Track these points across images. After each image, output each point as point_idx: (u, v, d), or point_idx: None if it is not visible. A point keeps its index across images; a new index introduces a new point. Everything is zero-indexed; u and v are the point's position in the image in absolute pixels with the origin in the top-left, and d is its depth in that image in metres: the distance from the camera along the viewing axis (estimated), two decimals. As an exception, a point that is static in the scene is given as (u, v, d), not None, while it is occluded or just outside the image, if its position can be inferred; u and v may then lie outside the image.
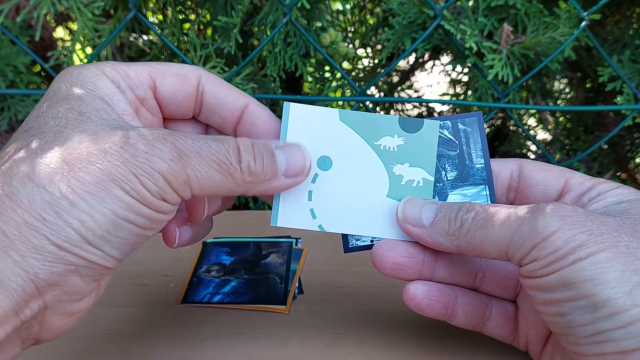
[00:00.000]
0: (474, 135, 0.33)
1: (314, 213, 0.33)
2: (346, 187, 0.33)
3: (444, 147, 0.33)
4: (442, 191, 0.33)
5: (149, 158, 0.25)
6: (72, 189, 0.24)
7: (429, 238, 0.31)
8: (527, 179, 0.33)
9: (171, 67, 0.32)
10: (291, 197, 0.33)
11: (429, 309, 0.32)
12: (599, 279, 0.25)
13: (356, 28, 0.79)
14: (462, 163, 0.33)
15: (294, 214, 0.33)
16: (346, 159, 0.33)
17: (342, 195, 0.33)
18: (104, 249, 0.25)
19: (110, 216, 0.25)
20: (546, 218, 0.27)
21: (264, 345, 0.36)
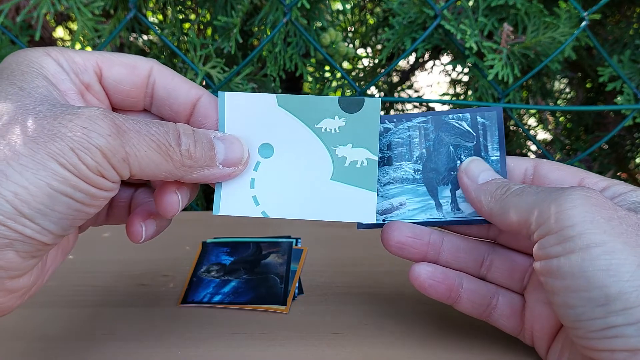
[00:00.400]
0: (491, 129, 0.34)
1: (256, 200, 0.33)
2: (289, 172, 0.33)
3: (461, 138, 0.34)
4: (456, 179, 0.34)
5: (87, 133, 0.25)
6: (7, 162, 0.24)
7: (473, 193, 0.32)
8: (541, 177, 0.33)
9: (122, 57, 0.32)
10: (233, 185, 0.33)
11: (432, 290, 0.34)
12: (614, 271, 0.25)
13: (356, 28, 0.79)
14: (478, 154, 0.34)
15: (236, 202, 0.33)
16: (287, 145, 0.33)
17: (286, 181, 0.33)
18: (40, 223, 0.25)
19: (46, 189, 0.24)
20: (571, 193, 0.27)
21: (264, 345, 0.36)
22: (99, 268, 0.45)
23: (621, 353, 0.25)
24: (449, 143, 0.34)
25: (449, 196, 0.34)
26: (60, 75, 0.29)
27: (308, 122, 0.33)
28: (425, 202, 0.34)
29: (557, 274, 0.27)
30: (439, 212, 0.34)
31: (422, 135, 0.34)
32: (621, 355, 0.25)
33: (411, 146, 0.34)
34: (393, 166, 0.35)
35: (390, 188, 0.35)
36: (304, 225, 0.53)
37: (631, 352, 0.25)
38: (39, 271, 0.28)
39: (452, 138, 0.34)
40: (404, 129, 0.35)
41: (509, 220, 0.30)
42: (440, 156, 0.34)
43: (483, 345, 0.36)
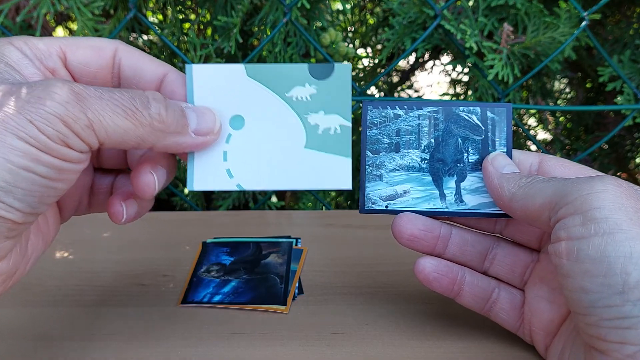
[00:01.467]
0: (500, 125, 0.35)
1: (230, 173, 0.32)
2: (262, 143, 0.33)
3: (470, 131, 0.35)
4: (461, 171, 0.35)
5: (44, 102, 0.25)
6: None
7: (496, 179, 0.32)
8: (545, 173, 0.33)
9: (87, 40, 0.32)
10: (205, 159, 0.32)
11: (436, 283, 0.34)
12: (636, 258, 0.24)
13: (356, 28, 0.79)
14: (485, 149, 0.35)
15: (210, 176, 0.32)
16: (259, 116, 0.33)
17: (259, 152, 0.33)
18: (4, 200, 0.24)
19: (6, 164, 0.24)
20: (604, 178, 0.27)
21: (264, 345, 0.36)
22: (99, 268, 0.45)
23: (631, 347, 0.24)
24: (458, 135, 0.35)
25: (453, 187, 0.35)
26: (22, 61, 0.29)
27: (278, 91, 0.32)
28: (429, 192, 0.35)
29: (576, 257, 0.26)
30: (443, 202, 0.35)
31: (431, 124, 0.35)
32: (630, 349, 0.24)
33: (420, 135, 0.35)
34: (400, 153, 0.35)
35: (395, 175, 0.35)
36: (304, 225, 0.53)
37: None
38: (18, 256, 0.28)
39: (461, 130, 0.35)
40: (414, 117, 0.35)
41: (532, 204, 0.30)
42: (448, 147, 0.35)
43: (482, 344, 0.36)
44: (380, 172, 0.35)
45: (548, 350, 0.33)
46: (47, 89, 0.25)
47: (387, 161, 0.35)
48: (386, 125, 0.35)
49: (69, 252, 0.48)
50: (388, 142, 0.35)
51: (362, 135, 0.35)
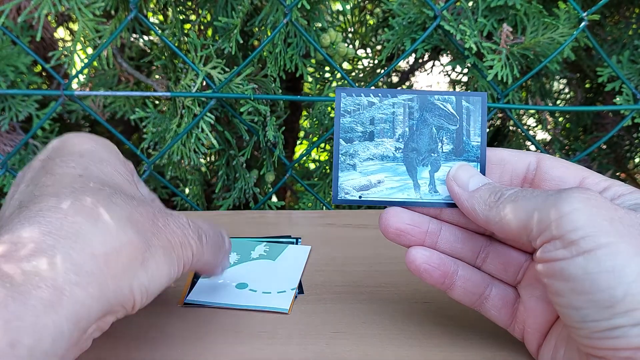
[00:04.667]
0: (475, 114, 0.34)
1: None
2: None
3: (444, 120, 0.34)
4: (435, 161, 0.34)
5: (188, 236, 0.32)
6: (155, 245, 0.30)
7: (466, 201, 0.32)
8: (544, 173, 0.33)
9: None
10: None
11: (427, 274, 0.34)
12: (618, 272, 0.25)
13: (356, 29, 0.79)
14: (460, 138, 0.34)
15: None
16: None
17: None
18: (150, 299, 0.30)
19: (168, 276, 0.30)
20: (570, 197, 0.27)
21: (264, 345, 0.36)
22: (100, 268, 0.45)
23: (625, 351, 0.25)
24: (432, 124, 0.34)
25: (427, 178, 0.34)
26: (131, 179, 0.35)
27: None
28: (403, 182, 0.34)
29: (562, 277, 0.27)
30: (417, 192, 0.34)
31: (406, 113, 0.34)
32: (625, 353, 0.25)
33: (394, 123, 0.35)
34: (374, 142, 0.34)
35: (369, 164, 0.34)
36: (304, 225, 0.53)
37: (635, 349, 0.25)
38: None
39: (436, 119, 0.34)
40: (388, 105, 0.34)
41: (508, 229, 0.29)
42: (423, 136, 0.34)
43: (482, 344, 0.36)
44: (354, 161, 0.34)
45: (540, 349, 0.33)
46: (185, 227, 0.32)
47: (361, 150, 0.35)
48: (360, 113, 0.35)
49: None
50: (362, 131, 0.34)
51: (335, 123, 0.35)
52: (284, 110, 0.70)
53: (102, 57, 0.60)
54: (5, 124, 0.63)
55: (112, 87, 0.72)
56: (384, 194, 0.34)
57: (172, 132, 0.62)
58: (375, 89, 0.35)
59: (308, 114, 0.77)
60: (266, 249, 0.47)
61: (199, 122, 0.60)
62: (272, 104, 0.69)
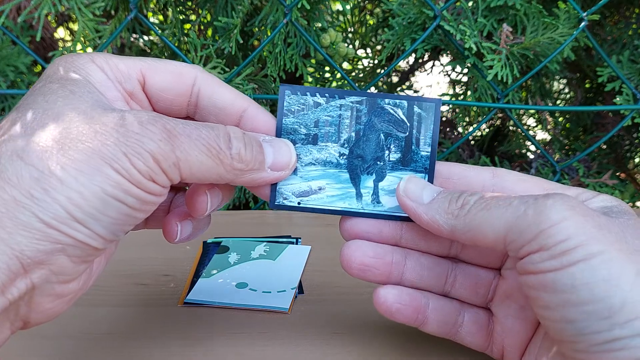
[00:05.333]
0: (426, 122, 0.32)
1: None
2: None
3: (393, 127, 0.32)
4: (381, 170, 0.33)
5: (140, 138, 0.25)
6: (61, 166, 0.24)
7: (425, 215, 0.30)
8: (506, 189, 0.31)
9: (167, 64, 0.31)
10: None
11: (399, 314, 0.32)
12: (615, 281, 0.24)
13: (356, 29, 0.79)
14: (408, 147, 0.32)
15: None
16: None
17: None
18: (92, 228, 0.25)
19: (100, 194, 0.25)
20: (555, 204, 0.25)
21: (264, 345, 0.36)
22: (100, 268, 0.45)
23: None
24: (381, 130, 0.32)
25: (371, 187, 0.33)
26: (106, 82, 0.29)
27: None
28: (345, 190, 0.33)
29: (553, 288, 0.25)
30: (359, 202, 0.33)
31: (353, 116, 0.32)
32: None
33: (340, 127, 0.33)
34: (318, 146, 0.32)
35: (311, 169, 0.32)
36: (304, 225, 0.53)
37: None
38: (87, 276, 0.28)
39: (385, 125, 0.32)
40: (335, 107, 0.32)
41: (482, 238, 0.28)
42: (369, 143, 0.33)
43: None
44: (295, 165, 0.32)
45: None
46: (142, 124, 0.26)
47: (303, 154, 0.33)
48: (304, 114, 0.32)
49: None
50: (305, 133, 0.32)
51: (277, 123, 0.32)
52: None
53: (102, 57, 0.60)
54: (5, 124, 0.63)
55: (112, 87, 0.72)
56: (324, 201, 0.33)
57: (172, 132, 0.62)
58: (322, 88, 0.33)
59: (308, 114, 0.77)
60: (266, 249, 0.47)
61: (199, 122, 0.60)
62: (272, 104, 0.69)
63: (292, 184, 0.32)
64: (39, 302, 0.26)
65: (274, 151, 0.31)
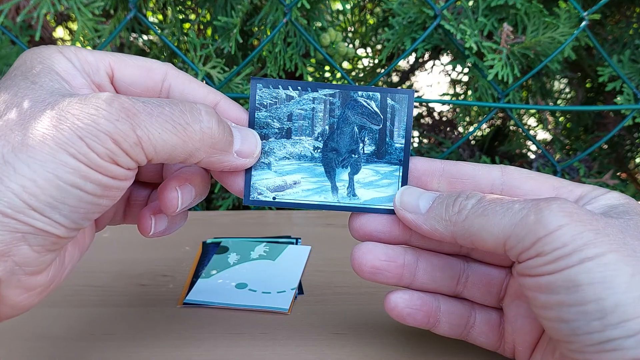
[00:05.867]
0: (400, 114, 0.32)
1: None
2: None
3: (367, 119, 0.32)
4: (356, 163, 0.33)
5: (95, 119, 0.24)
6: (15, 153, 0.24)
7: (425, 224, 0.30)
8: (515, 188, 0.31)
9: (136, 59, 0.31)
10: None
11: (410, 318, 0.32)
12: (609, 283, 0.24)
13: (356, 28, 0.79)
14: (382, 139, 0.33)
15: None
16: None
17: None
18: (51, 216, 0.24)
19: (55, 181, 0.24)
20: (552, 212, 0.26)
21: (264, 345, 0.36)
22: (99, 268, 0.45)
23: None
24: (355, 123, 0.32)
25: (346, 180, 0.33)
26: (72, 71, 0.29)
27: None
28: (321, 184, 0.33)
29: (550, 290, 0.26)
30: (334, 196, 0.33)
31: (327, 109, 0.32)
32: None
33: (314, 120, 0.32)
34: (292, 140, 0.32)
35: (285, 164, 0.32)
36: (304, 225, 0.53)
37: None
38: (56, 268, 0.28)
39: (358, 118, 0.32)
40: (308, 100, 0.32)
41: (479, 242, 0.28)
42: (343, 136, 0.33)
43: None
44: (269, 159, 0.32)
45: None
46: (97, 105, 0.25)
47: (277, 148, 0.32)
48: (277, 108, 0.32)
49: (69, 252, 0.48)
50: (279, 127, 0.32)
51: (250, 118, 0.32)
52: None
53: (101, 56, 0.60)
54: (4, 124, 0.63)
55: (111, 86, 0.72)
56: (300, 195, 0.32)
57: (172, 131, 0.62)
58: (294, 81, 0.32)
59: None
60: (266, 249, 0.47)
61: (198, 122, 0.60)
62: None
63: (266, 178, 0.32)
64: (6, 295, 0.25)
65: (241, 137, 0.31)
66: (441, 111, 0.92)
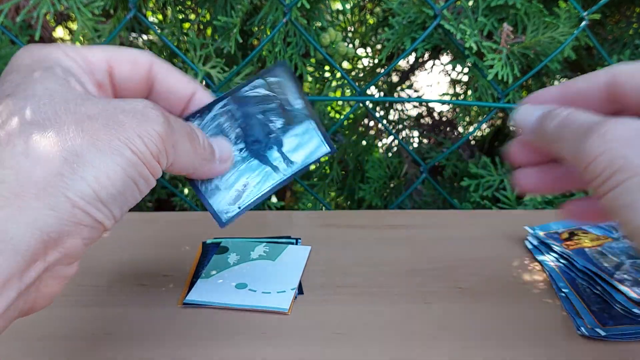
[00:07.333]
0: (285, 83, 0.36)
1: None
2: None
3: (264, 104, 0.36)
4: (277, 140, 0.36)
5: (146, 121, 0.27)
6: (86, 148, 0.25)
7: (533, 134, 0.31)
8: (621, 88, 0.30)
9: (125, 52, 0.32)
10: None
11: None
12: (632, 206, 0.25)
13: (356, 28, 0.79)
14: (284, 110, 0.36)
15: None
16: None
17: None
18: (111, 209, 0.26)
19: (121, 174, 0.26)
20: (594, 140, 0.26)
21: (264, 345, 0.36)
22: (99, 268, 0.45)
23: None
24: (256, 112, 0.36)
25: (279, 156, 0.36)
26: (83, 77, 0.30)
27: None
28: (263, 172, 0.36)
29: (607, 210, 0.26)
30: (278, 173, 0.36)
31: (229, 117, 0.35)
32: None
33: (225, 132, 0.35)
34: None
35: (227, 177, 0.35)
36: (304, 225, 0.53)
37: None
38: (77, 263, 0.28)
39: (256, 107, 0.36)
40: (210, 119, 0.35)
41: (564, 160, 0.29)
42: (255, 127, 0.36)
43: (482, 344, 0.36)
44: (214, 184, 0.35)
45: None
46: (144, 109, 0.28)
47: None
48: None
49: (69, 252, 0.48)
50: None
51: None
52: (284, 110, 0.70)
53: (101, 56, 0.60)
54: (4, 124, 0.63)
55: (111, 86, 0.72)
56: (256, 192, 0.36)
57: (172, 131, 0.62)
58: (190, 113, 0.35)
59: (308, 114, 0.77)
60: (266, 249, 0.47)
61: (198, 122, 0.60)
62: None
63: (222, 198, 0.36)
64: (46, 285, 0.26)
65: (218, 145, 0.34)
66: (441, 111, 0.92)
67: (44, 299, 0.27)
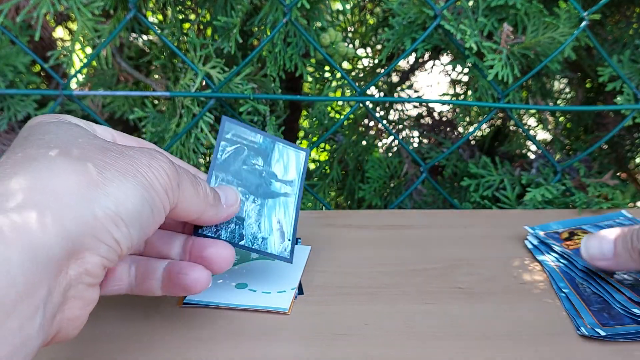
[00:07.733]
0: (238, 130, 0.41)
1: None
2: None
3: (239, 156, 0.40)
4: (269, 173, 0.41)
5: (156, 159, 0.31)
6: (108, 169, 0.28)
7: (617, 267, 0.39)
8: None
9: (131, 139, 0.37)
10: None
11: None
12: None
13: (356, 28, 0.79)
14: (254, 149, 0.41)
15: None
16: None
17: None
18: (130, 229, 0.28)
19: (140, 197, 0.29)
20: None
21: (264, 345, 0.36)
22: (98, 268, 0.45)
23: None
24: (240, 166, 0.40)
25: (280, 184, 0.41)
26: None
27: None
28: (281, 203, 0.41)
29: None
30: (291, 196, 0.41)
31: (228, 184, 0.39)
32: None
33: (245, 223, 0.39)
34: (245, 225, 0.39)
35: (264, 226, 0.39)
36: (304, 225, 0.53)
37: None
38: (98, 291, 0.30)
39: (237, 162, 0.40)
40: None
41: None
42: (248, 177, 0.40)
43: (482, 344, 0.36)
44: (259, 237, 0.39)
45: None
46: (151, 152, 0.31)
47: (252, 237, 0.39)
48: (223, 226, 0.38)
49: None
50: (235, 221, 0.39)
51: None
52: (284, 110, 0.70)
53: (101, 56, 0.60)
54: (4, 124, 0.63)
55: (111, 86, 0.72)
56: (289, 220, 0.40)
57: (171, 132, 0.62)
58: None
59: (308, 114, 0.77)
60: None
61: (198, 122, 0.60)
62: (271, 104, 0.69)
63: (273, 243, 0.39)
64: (70, 306, 0.28)
65: (223, 190, 0.37)
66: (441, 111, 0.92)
67: (70, 326, 0.28)
